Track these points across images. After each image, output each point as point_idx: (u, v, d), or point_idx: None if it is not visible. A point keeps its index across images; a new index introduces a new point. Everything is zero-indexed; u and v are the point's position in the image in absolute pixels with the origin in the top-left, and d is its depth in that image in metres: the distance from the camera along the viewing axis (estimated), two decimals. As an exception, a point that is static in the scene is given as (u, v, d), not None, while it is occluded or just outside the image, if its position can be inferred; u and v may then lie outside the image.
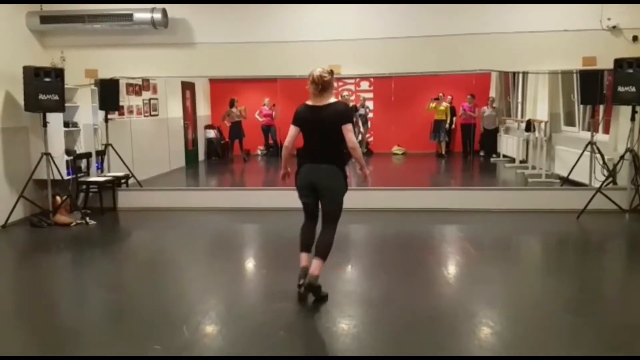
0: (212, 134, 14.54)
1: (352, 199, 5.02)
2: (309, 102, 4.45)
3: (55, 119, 7.58)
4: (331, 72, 4.41)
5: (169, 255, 6.22)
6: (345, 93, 13.53)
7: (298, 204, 8.04)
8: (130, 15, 7.76)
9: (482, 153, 13.16)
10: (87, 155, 8.27)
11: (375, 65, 8.01)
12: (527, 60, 7.81)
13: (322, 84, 4.34)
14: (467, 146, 13.68)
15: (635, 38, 7.41)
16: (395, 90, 14.29)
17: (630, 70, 6.83)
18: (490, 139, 13.07)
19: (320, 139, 4.42)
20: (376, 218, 7.11)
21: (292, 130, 4.51)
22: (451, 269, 5.47)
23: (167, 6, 7.85)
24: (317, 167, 4.43)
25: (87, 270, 5.68)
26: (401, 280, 4.95)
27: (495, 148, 13.16)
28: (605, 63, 7.35)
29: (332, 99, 4.45)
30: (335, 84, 4.44)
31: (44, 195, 7.57)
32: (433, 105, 13.63)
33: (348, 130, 4.33)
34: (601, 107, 8.51)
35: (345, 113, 4.42)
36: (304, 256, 4.53)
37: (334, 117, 4.34)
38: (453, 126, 14.22)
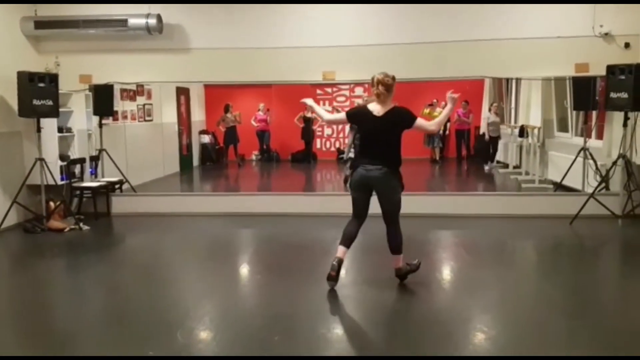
0: (206, 139, 14.54)
1: (346, 203, 5.04)
2: (372, 109, 4.70)
3: (49, 124, 7.56)
4: (393, 78, 4.71)
5: (164, 261, 6.21)
6: (361, 98, 13.32)
7: (293, 209, 8.09)
8: (125, 20, 7.77)
9: (487, 166, 12.44)
10: (81, 161, 8.24)
11: (370, 71, 7.93)
12: (521, 66, 7.86)
13: (385, 86, 4.64)
14: (461, 151, 13.73)
15: (627, 45, 7.47)
16: (390, 96, 14.32)
17: (623, 77, 6.87)
18: (493, 146, 12.59)
19: (378, 144, 4.69)
20: (370, 223, 7.11)
21: (340, 116, 5.05)
22: (446, 274, 5.49)
23: (161, 12, 7.86)
24: (373, 169, 4.67)
25: (81, 275, 5.65)
26: (395, 285, 4.95)
27: (494, 156, 12.88)
28: (598, 69, 7.40)
29: (392, 105, 4.70)
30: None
31: (38, 200, 7.54)
32: (427, 111, 13.67)
33: (422, 124, 4.71)
34: (594, 113, 8.58)
35: (407, 115, 4.69)
36: (341, 248, 4.80)
37: (396, 123, 4.65)
38: (447, 132, 14.30)
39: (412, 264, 5.02)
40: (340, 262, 4.76)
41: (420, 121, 4.71)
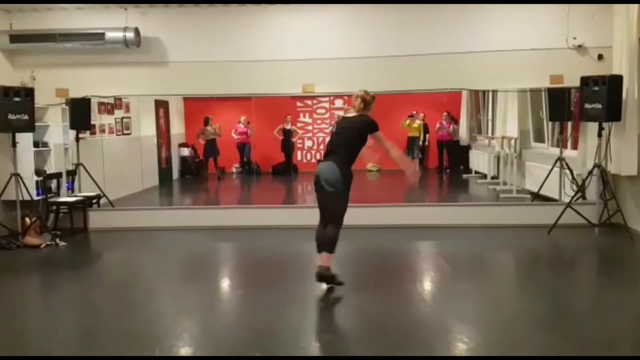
0: (186, 152, 14.46)
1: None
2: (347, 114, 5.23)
3: (24, 139, 7.46)
4: (373, 97, 5.03)
5: (142, 277, 6.13)
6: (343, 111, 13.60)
7: (274, 222, 8.06)
8: (102, 34, 7.72)
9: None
10: (58, 176, 8.13)
11: (349, 83, 8.05)
12: (497, 78, 7.95)
13: (364, 102, 4.98)
14: (443, 162, 13.83)
15: (600, 56, 7.62)
16: (369, 108, 14.39)
17: (596, 88, 7.00)
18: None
19: (337, 141, 5.03)
20: (351, 235, 7.10)
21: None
22: (426, 285, 5.50)
23: (139, 25, 7.82)
24: (323, 164, 4.98)
25: (57, 293, 5.55)
26: (376, 297, 4.95)
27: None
28: (572, 81, 7.53)
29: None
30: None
31: (13, 216, 7.40)
32: (407, 122, 13.80)
33: (380, 137, 4.95)
34: (569, 124, 8.72)
35: (372, 124, 4.93)
36: (318, 256, 5.01)
37: (358, 124, 4.96)
38: (427, 143, 14.42)
39: (338, 277, 5.06)
40: (320, 269, 4.96)
41: (380, 134, 4.92)
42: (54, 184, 8.12)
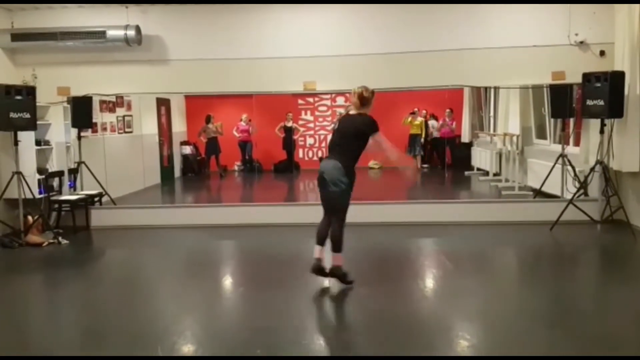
0: (188, 150, 14.46)
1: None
2: (349, 111, 5.07)
3: (26, 137, 7.46)
4: (372, 92, 5.03)
5: (144, 274, 6.13)
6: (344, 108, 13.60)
7: (276, 219, 8.05)
8: (104, 32, 7.72)
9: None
10: (60, 174, 8.14)
11: (351, 81, 8.01)
12: (498, 75, 7.95)
13: (361, 99, 4.97)
14: (444, 159, 13.84)
15: (602, 52, 7.60)
16: (371, 105, 14.37)
17: (598, 84, 6.98)
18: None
19: (339, 141, 5.00)
20: (352, 232, 7.10)
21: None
22: (428, 282, 5.50)
23: (140, 23, 7.83)
24: (327, 162, 4.96)
25: (59, 291, 5.56)
26: (378, 294, 4.95)
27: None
28: (574, 77, 7.51)
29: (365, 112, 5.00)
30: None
31: (15, 214, 7.41)
32: (409, 119, 13.79)
33: (380, 139, 4.93)
34: (571, 120, 8.70)
35: (372, 125, 4.91)
36: (316, 248, 5.08)
37: (358, 126, 4.93)
38: (429, 138, 14.42)
39: (348, 276, 5.10)
40: (318, 262, 5.04)
41: (380, 136, 4.90)
42: (56, 182, 8.14)
